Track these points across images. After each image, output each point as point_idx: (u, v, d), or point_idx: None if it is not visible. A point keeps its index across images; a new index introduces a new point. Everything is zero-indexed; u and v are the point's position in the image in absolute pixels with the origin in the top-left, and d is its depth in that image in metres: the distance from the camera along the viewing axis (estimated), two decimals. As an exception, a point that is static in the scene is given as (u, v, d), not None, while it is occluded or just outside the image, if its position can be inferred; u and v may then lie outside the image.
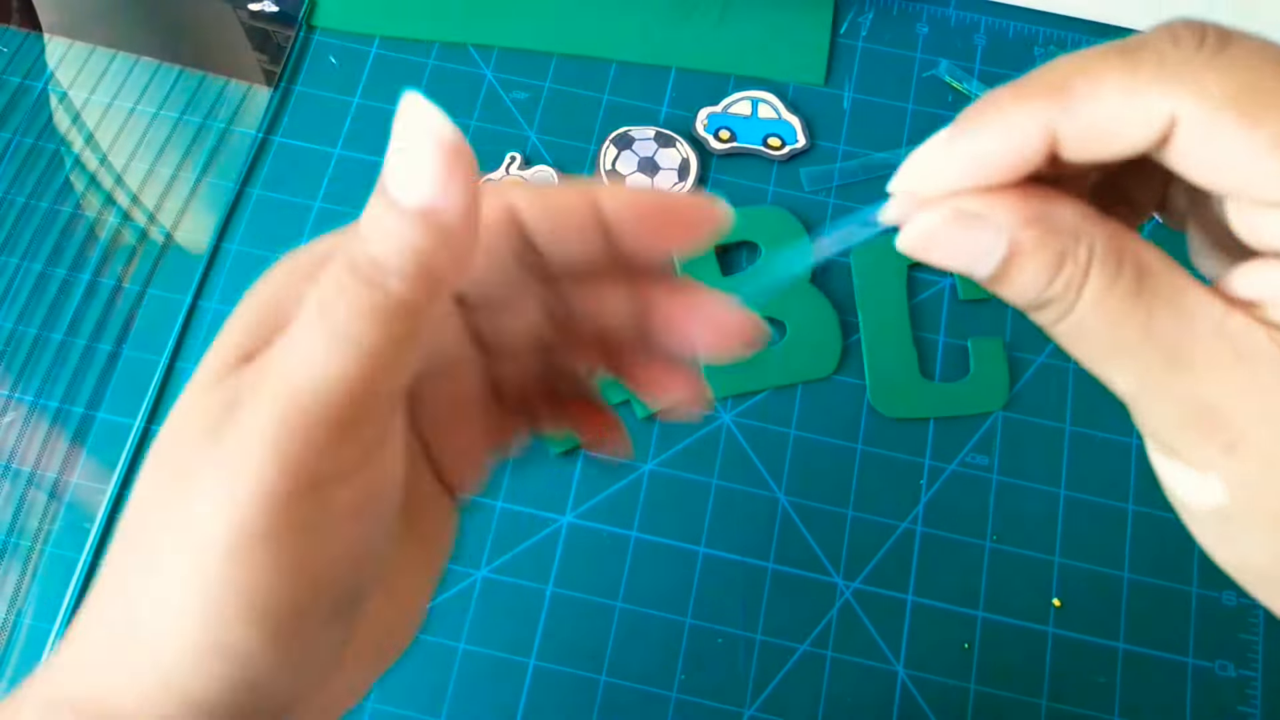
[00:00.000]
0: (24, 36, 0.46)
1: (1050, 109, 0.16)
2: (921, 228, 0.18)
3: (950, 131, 0.17)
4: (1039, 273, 0.17)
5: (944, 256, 0.18)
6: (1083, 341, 0.17)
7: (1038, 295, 0.17)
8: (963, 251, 0.17)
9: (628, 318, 0.21)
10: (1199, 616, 0.38)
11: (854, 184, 0.44)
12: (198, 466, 0.16)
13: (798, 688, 0.37)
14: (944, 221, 0.17)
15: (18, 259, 0.42)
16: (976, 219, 0.17)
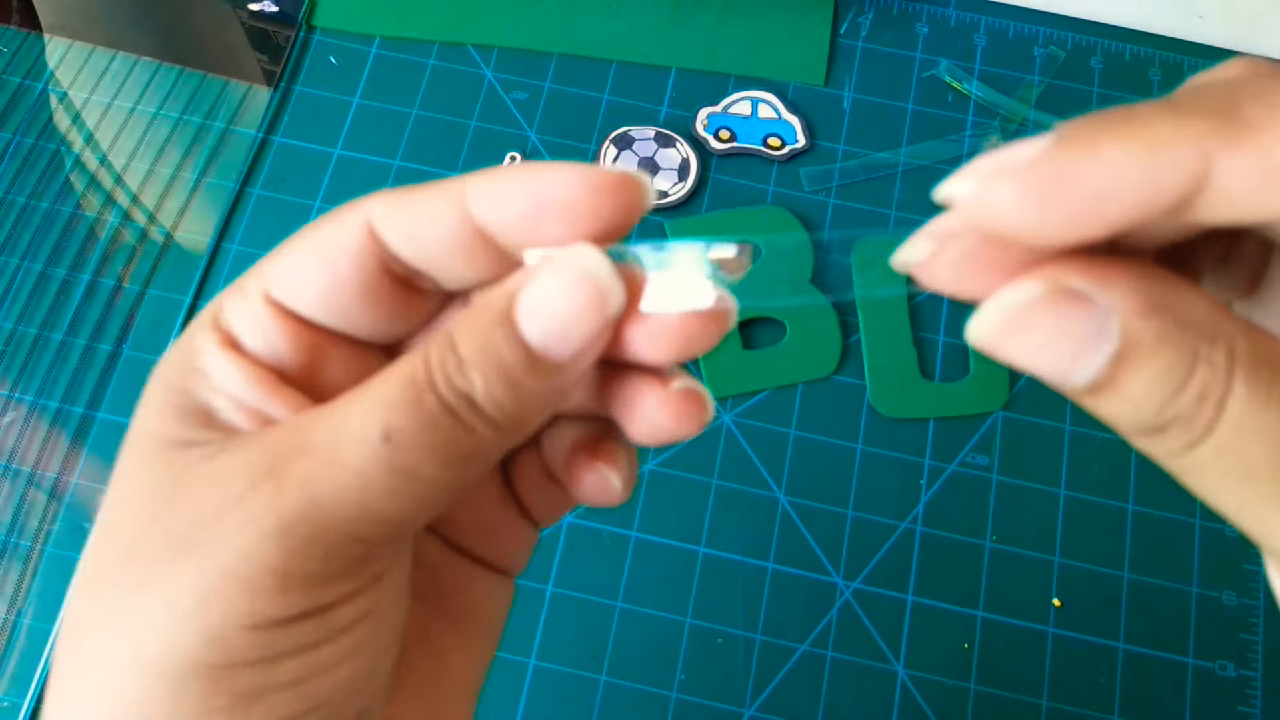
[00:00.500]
0: (24, 36, 0.46)
1: (1215, 139, 0.12)
2: (1004, 309, 0.13)
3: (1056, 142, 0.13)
4: (1162, 378, 0.13)
5: (1029, 353, 0.13)
6: (1221, 477, 0.13)
7: (1157, 412, 0.13)
8: (1058, 346, 0.13)
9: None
10: (1199, 616, 0.38)
11: (854, 184, 0.44)
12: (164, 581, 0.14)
13: (798, 688, 0.37)
14: (1038, 301, 0.13)
15: (18, 259, 0.42)
16: (1080, 300, 0.13)
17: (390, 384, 0.14)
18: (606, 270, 0.15)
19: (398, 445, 0.14)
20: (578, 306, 0.14)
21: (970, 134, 0.45)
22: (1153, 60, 0.47)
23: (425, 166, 0.44)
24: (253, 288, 0.16)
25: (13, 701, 0.36)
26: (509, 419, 0.15)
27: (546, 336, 0.14)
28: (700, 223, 0.43)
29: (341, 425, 0.14)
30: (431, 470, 0.14)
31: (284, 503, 0.14)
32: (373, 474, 0.14)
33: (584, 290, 0.14)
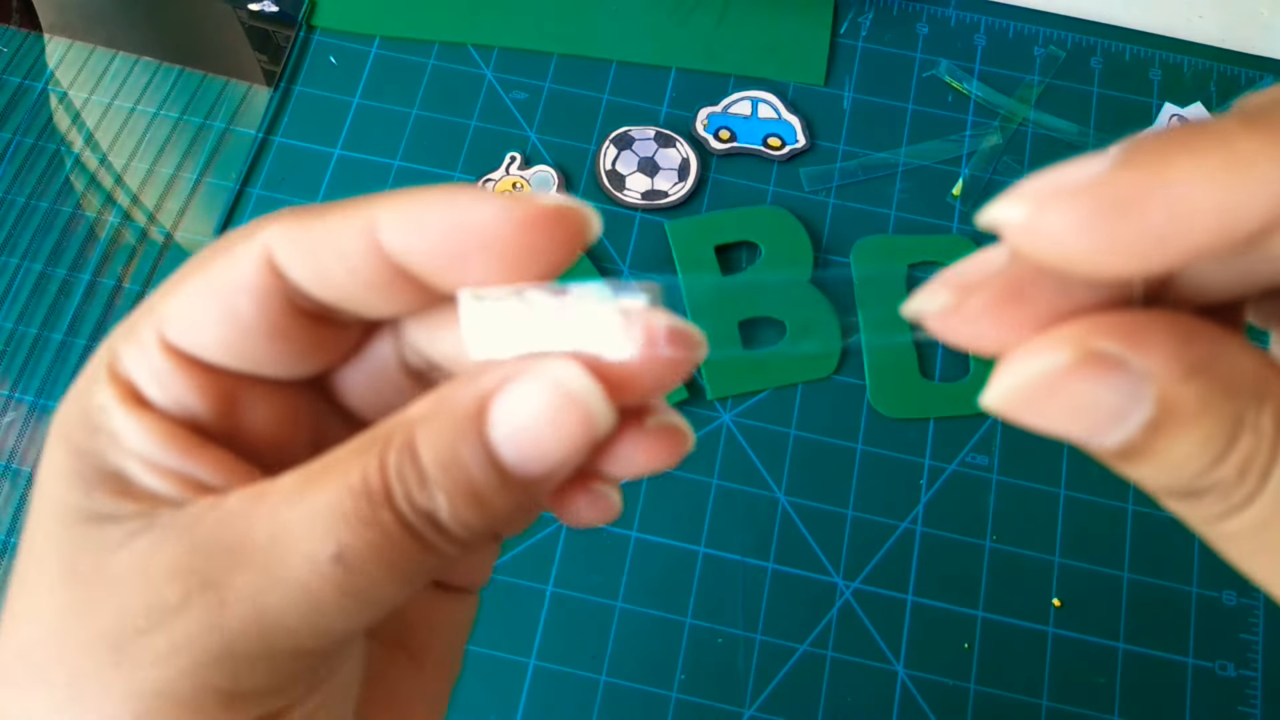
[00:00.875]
0: (24, 36, 0.46)
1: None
2: (1025, 377, 0.12)
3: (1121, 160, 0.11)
4: (1201, 447, 0.11)
5: (1053, 423, 0.12)
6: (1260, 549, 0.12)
7: (1192, 481, 0.12)
8: (1086, 416, 0.12)
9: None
10: (1199, 616, 0.38)
11: (854, 184, 0.44)
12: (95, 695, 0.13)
13: (798, 688, 0.37)
14: (1065, 371, 0.12)
15: (18, 259, 0.42)
16: (1111, 366, 0.12)
17: (340, 494, 0.13)
18: (596, 394, 0.13)
19: (351, 567, 0.13)
20: (564, 430, 0.13)
21: (970, 134, 0.45)
22: (1153, 60, 0.47)
23: (425, 166, 0.44)
24: (146, 332, 0.14)
25: None
26: (477, 536, 0.13)
27: (524, 457, 0.13)
28: (700, 223, 0.43)
29: (285, 535, 0.13)
30: (389, 592, 0.13)
31: (228, 622, 0.13)
32: (324, 594, 0.13)
33: (571, 414, 0.13)
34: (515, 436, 0.13)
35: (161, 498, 0.14)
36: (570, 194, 0.43)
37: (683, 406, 0.40)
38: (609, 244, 0.43)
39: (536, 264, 0.14)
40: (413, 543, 0.13)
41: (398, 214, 0.14)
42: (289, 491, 0.13)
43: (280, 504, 0.13)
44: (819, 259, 0.43)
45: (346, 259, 0.14)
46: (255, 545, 0.13)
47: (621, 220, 0.43)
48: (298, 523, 0.13)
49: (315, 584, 0.13)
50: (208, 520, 0.13)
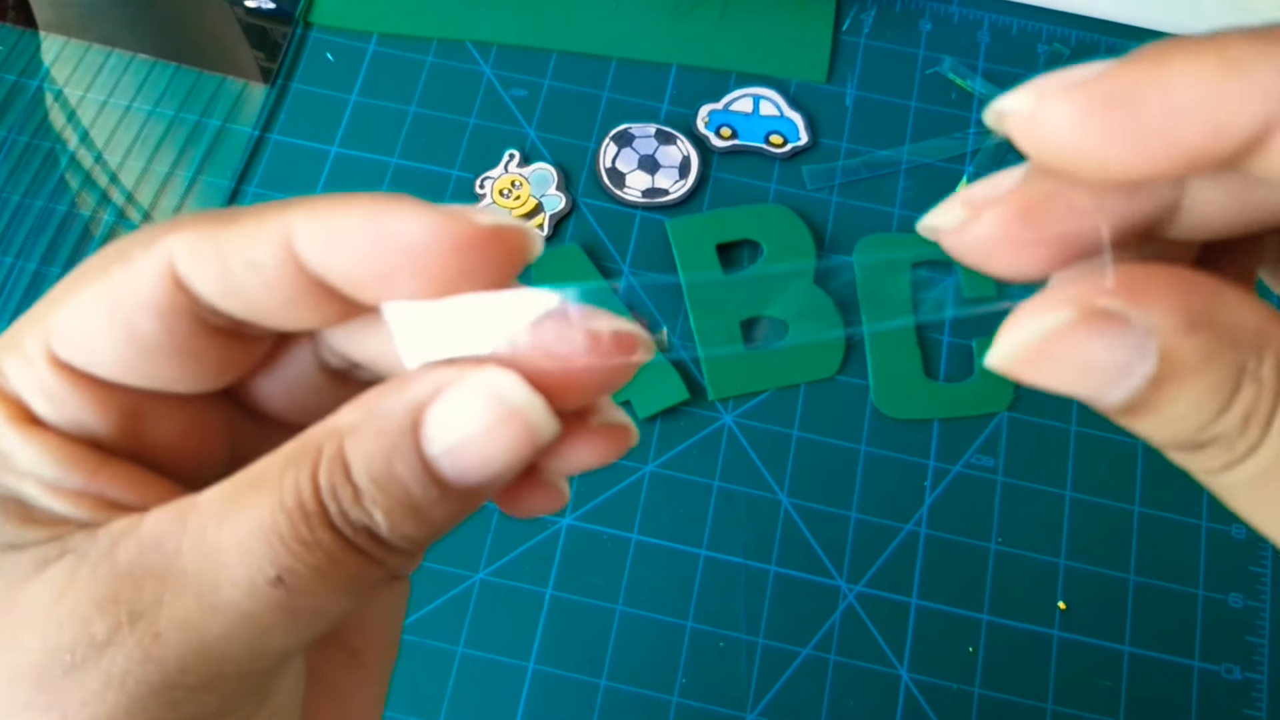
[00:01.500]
0: (19, 34, 0.46)
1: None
2: (1028, 335, 0.12)
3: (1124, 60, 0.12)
4: (1205, 399, 0.12)
5: (1057, 380, 0.12)
6: (1264, 499, 0.12)
7: (1197, 432, 0.12)
8: (1090, 373, 0.12)
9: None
10: (1205, 619, 0.38)
11: (857, 182, 0.44)
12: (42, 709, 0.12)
13: (800, 692, 0.37)
14: (1067, 328, 0.12)
15: (12, 258, 0.42)
16: (1114, 321, 0.12)
17: (274, 513, 0.12)
18: (536, 404, 0.12)
19: (293, 589, 0.12)
20: (504, 443, 0.12)
21: (974, 131, 0.45)
22: (1158, 57, 0.47)
23: (423, 164, 0.44)
24: (32, 346, 0.13)
25: None
26: (418, 546, 0.13)
27: (463, 470, 0.12)
28: (701, 221, 0.43)
29: (219, 559, 0.12)
30: (335, 607, 0.12)
31: (164, 654, 0.12)
32: (266, 618, 0.12)
33: (511, 426, 0.12)
34: (453, 451, 0.12)
35: (69, 520, 0.13)
36: (570, 192, 0.43)
37: (684, 407, 0.40)
38: (609, 243, 0.43)
39: (469, 286, 0.13)
40: (354, 558, 0.12)
41: (316, 224, 0.13)
42: (216, 510, 0.12)
43: (208, 524, 0.12)
44: (821, 258, 0.42)
45: (259, 271, 0.13)
46: (186, 571, 0.12)
47: (622, 218, 0.43)
48: (231, 546, 0.12)
49: (256, 609, 0.12)
50: (128, 544, 0.12)
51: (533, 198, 0.43)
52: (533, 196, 0.43)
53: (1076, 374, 0.12)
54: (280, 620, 0.12)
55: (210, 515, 0.12)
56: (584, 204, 0.43)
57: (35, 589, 0.12)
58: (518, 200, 0.43)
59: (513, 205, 0.43)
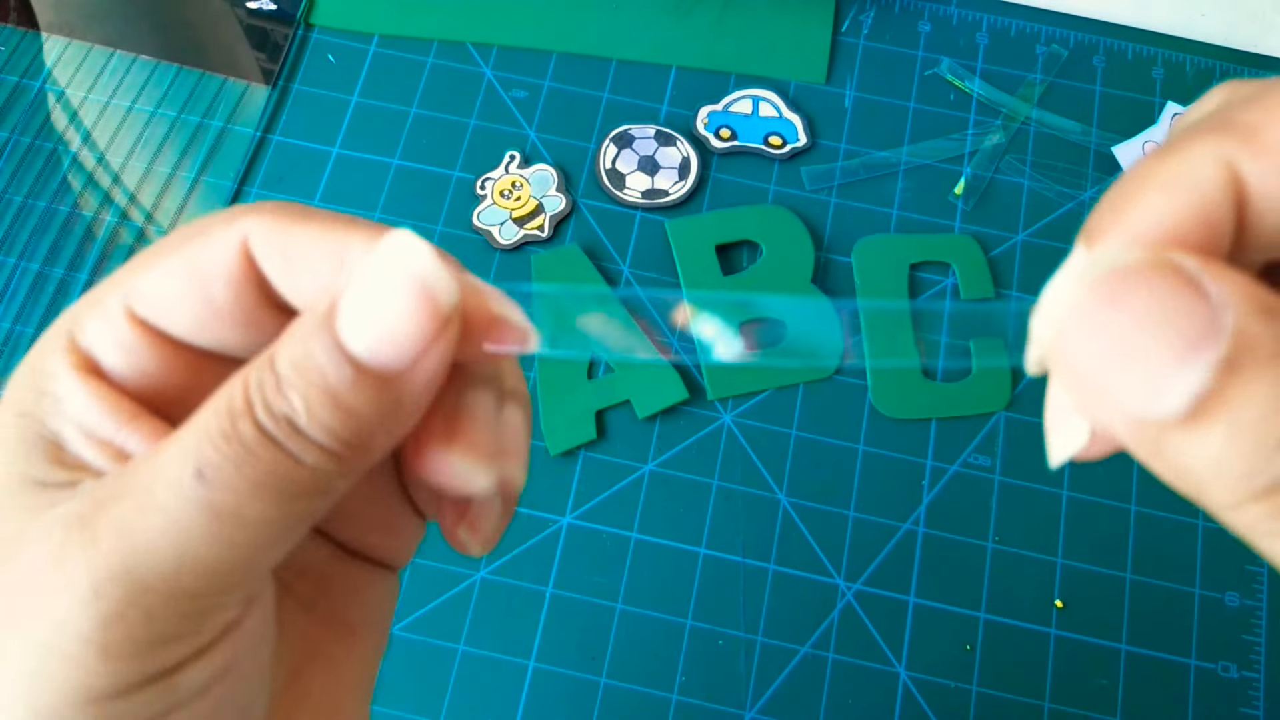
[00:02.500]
0: (21, 35, 0.46)
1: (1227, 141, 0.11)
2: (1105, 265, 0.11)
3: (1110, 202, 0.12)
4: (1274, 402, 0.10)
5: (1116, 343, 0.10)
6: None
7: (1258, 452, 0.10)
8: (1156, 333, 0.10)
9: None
10: (1202, 618, 0.38)
11: (856, 183, 0.44)
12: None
13: (799, 690, 0.37)
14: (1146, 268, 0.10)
15: (14, 258, 0.42)
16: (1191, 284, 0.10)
17: (205, 416, 0.13)
18: (431, 262, 0.13)
19: (212, 483, 0.12)
20: (405, 305, 0.13)
21: (972, 133, 0.45)
22: (1155, 59, 0.47)
23: (424, 165, 0.44)
24: (114, 303, 0.15)
25: None
26: (344, 445, 0.13)
27: (371, 344, 0.13)
28: (701, 221, 0.43)
29: (156, 465, 0.13)
30: (256, 509, 0.12)
31: (95, 561, 0.12)
32: (187, 517, 0.12)
33: (408, 288, 0.13)
34: (358, 320, 0.13)
35: (90, 467, 0.14)
36: (571, 193, 0.43)
37: (683, 407, 0.40)
38: (609, 244, 0.43)
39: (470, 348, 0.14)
40: (273, 453, 0.12)
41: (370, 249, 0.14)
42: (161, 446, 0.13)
43: (160, 445, 0.13)
44: (820, 258, 0.43)
45: (316, 275, 0.14)
46: (132, 484, 0.13)
47: (622, 219, 0.43)
48: (167, 452, 0.13)
49: (178, 506, 0.12)
50: (109, 474, 0.13)
51: (533, 199, 0.43)
52: (533, 197, 0.43)
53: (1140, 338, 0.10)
54: (203, 521, 0.12)
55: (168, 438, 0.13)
56: (584, 205, 0.43)
57: (41, 521, 0.13)
58: (518, 201, 0.43)
59: (513, 206, 0.43)
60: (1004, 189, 0.44)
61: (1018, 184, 0.44)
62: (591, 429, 0.39)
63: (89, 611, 0.12)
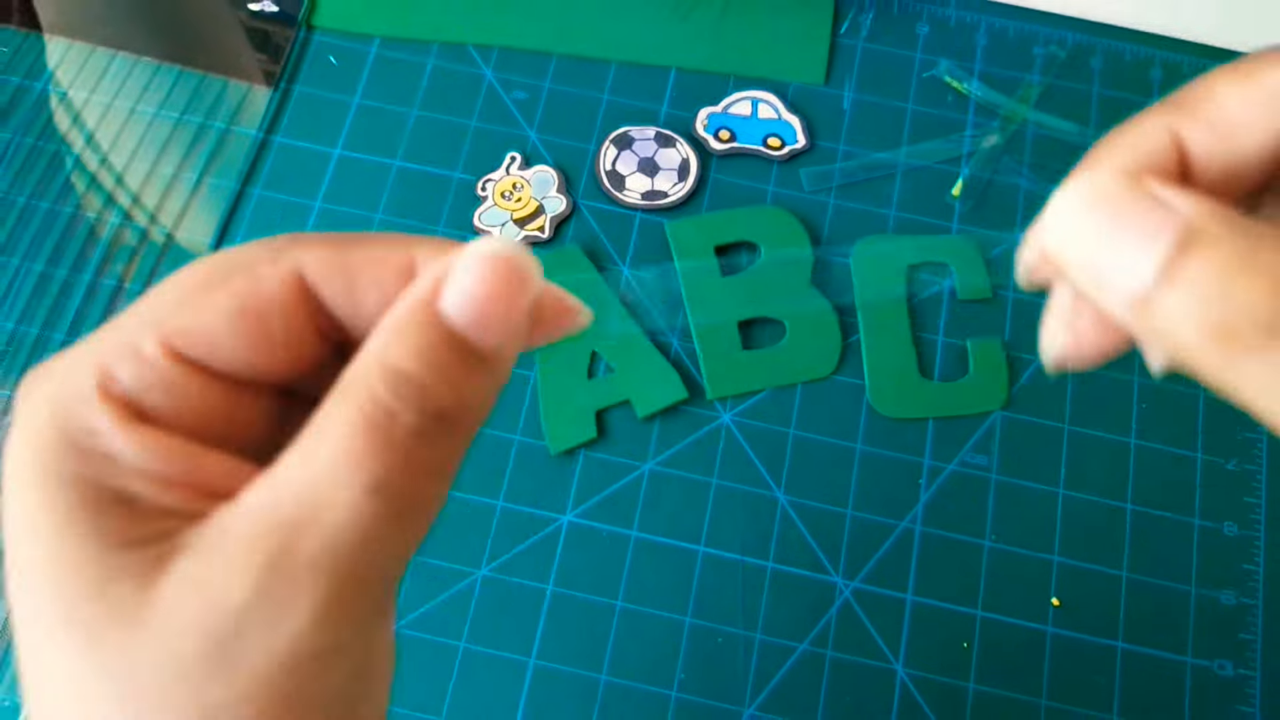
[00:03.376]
0: (24, 36, 0.46)
1: (1172, 115, 0.16)
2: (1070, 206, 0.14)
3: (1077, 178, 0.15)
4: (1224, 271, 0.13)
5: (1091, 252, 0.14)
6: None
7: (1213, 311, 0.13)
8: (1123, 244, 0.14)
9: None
10: (1198, 616, 0.38)
11: (854, 184, 0.44)
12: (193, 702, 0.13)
13: (797, 687, 0.37)
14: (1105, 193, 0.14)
15: (18, 260, 0.42)
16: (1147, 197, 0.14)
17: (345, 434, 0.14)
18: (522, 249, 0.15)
19: (388, 493, 0.14)
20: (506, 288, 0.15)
21: (970, 134, 0.45)
22: (1153, 60, 0.47)
23: (425, 167, 0.44)
24: (149, 346, 0.15)
25: (13, 702, 0.36)
26: (481, 412, 0.15)
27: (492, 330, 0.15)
28: (700, 223, 0.43)
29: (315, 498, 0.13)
30: (429, 490, 0.14)
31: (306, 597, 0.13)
32: (376, 529, 0.13)
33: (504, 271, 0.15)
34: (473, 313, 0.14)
35: (175, 512, 0.14)
36: (571, 194, 0.43)
37: (682, 406, 0.41)
38: (609, 245, 0.43)
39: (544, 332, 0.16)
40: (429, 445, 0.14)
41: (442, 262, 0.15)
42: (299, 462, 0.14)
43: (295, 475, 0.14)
44: (819, 259, 0.43)
45: (383, 290, 0.16)
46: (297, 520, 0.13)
47: (621, 220, 0.44)
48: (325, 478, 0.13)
49: (366, 523, 0.13)
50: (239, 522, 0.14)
51: (534, 200, 0.43)
52: (534, 199, 0.43)
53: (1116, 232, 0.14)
54: (395, 526, 0.14)
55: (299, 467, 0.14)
56: (584, 206, 0.44)
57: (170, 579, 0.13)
58: (519, 202, 0.43)
59: (514, 207, 0.43)
60: (1002, 190, 0.44)
61: (1015, 185, 0.44)
62: (591, 428, 0.40)
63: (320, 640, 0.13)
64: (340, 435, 0.14)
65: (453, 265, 0.15)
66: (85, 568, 0.13)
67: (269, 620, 0.13)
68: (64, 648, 0.13)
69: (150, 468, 0.14)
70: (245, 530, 0.13)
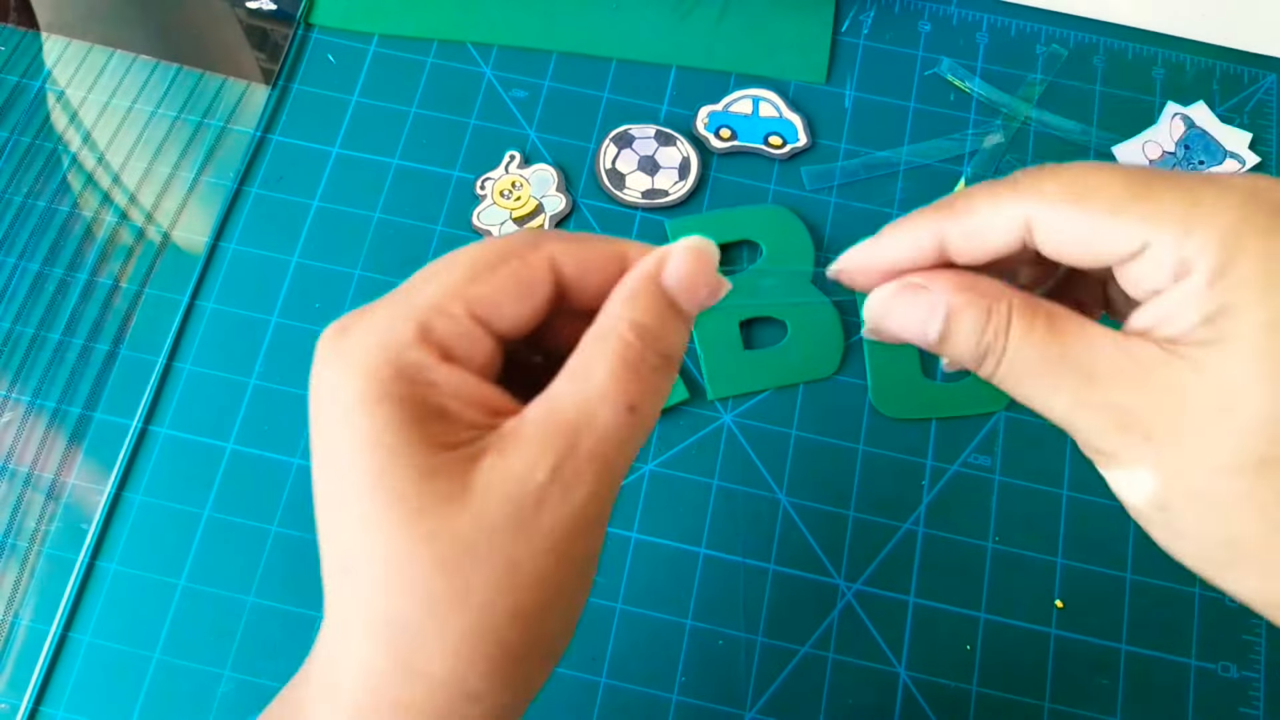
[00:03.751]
0: (21, 35, 0.46)
1: (939, 220, 0.22)
2: (879, 298, 0.23)
3: (871, 239, 0.23)
4: (973, 326, 0.21)
5: (899, 323, 0.22)
6: (1019, 378, 0.21)
7: (975, 346, 0.21)
8: (913, 318, 0.22)
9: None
10: (1201, 617, 0.38)
11: (855, 183, 0.44)
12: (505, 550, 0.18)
13: (799, 690, 0.37)
14: (895, 291, 0.22)
15: (15, 258, 0.42)
16: (920, 289, 0.22)
17: (612, 366, 0.19)
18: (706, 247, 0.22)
19: (640, 410, 0.19)
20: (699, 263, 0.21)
21: (972, 132, 0.45)
22: (1155, 59, 0.47)
23: (424, 165, 0.44)
24: (458, 309, 0.20)
25: (10, 703, 0.36)
26: (681, 355, 0.21)
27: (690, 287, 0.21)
28: (700, 222, 0.43)
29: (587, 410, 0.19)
30: (657, 410, 0.20)
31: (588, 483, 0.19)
32: (632, 435, 0.19)
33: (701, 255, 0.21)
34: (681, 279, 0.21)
35: (477, 423, 0.19)
36: (571, 193, 0.43)
37: (683, 407, 0.40)
38: (609, 243, 0.43)
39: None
40: (659, 377, 0.20)
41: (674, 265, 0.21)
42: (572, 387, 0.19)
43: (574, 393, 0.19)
44: (820, 258, 0.43)
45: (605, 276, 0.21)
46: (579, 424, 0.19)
47: (622, 219, 0.43)
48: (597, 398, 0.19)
49: (627, 432, 0.19)
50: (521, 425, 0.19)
51: (533, 199, 0.43)
52: (533, 197, 0.43)
53: (908, 319, 0.22)
54: (638, 433, 0.19)
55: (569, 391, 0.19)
56: (584, 205, 0.43)
57: (483, 465, 0.18)
58: (518, 201, 0.43)
59: (513, 206, 0.43)
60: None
61: (1018, 184, 0.44)
62: (591, 429, 0.40)
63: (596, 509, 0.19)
64: (607, 367, 0.19)
65: (671, 252, 0.21)
66: (417, 461, 0.18)
67: (562, 495, 0.18)
68: (387, 527, 0.18)
69: (461, 392, 0.19)
70: (539, 432, 0.19)
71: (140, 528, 0.38)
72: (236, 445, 0.40)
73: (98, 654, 0.37)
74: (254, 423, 0.40)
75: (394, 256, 0.42)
